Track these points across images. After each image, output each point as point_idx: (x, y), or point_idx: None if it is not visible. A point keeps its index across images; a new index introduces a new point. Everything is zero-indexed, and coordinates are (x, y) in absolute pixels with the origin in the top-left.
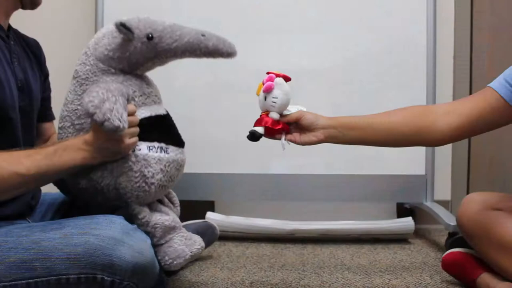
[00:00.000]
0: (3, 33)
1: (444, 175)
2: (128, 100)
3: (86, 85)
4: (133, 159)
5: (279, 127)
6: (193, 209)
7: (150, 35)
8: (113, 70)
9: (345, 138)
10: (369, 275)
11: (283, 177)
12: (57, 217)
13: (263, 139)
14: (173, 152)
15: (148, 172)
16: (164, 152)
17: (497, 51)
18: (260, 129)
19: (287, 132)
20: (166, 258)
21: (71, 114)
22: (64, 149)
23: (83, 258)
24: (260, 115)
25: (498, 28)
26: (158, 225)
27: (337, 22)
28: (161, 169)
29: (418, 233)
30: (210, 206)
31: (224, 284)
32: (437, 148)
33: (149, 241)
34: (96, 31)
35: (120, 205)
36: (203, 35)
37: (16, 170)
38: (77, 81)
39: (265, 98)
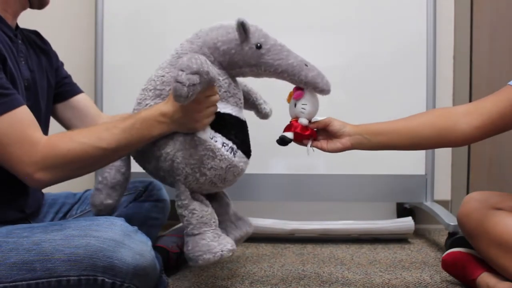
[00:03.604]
0: (11, 32)
1: (444, 175)
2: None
3: None
4: (202, 143)
5: (308, 132)
6: None
7: (259, 45)
8: (212, 58)
9: (371, 144)
10: (368, 275)
11: (283, 177)
12: (57, 218)
13: (291, 144)
14: (238, 158)
15: (208, 163)
16: (233, 154)
17: (497, 51)
18: (289, 135)
19: (315, 138)
20: (196, 249)
21: (156, 79)
22: (141, 122)
23: (84, 260)
24: (290, 121)
25: (498, 28)
26: (196, 212)
27: (337, 23)
28: (221, 168)
29: (418, 233)
30: None
31: (224, 284)
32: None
33: (149, 243)
34: (95, 29)
35: (168, 179)
36: (306, 65)
37: (98, 145)
38: (177, 53)
39: (295, 105)
